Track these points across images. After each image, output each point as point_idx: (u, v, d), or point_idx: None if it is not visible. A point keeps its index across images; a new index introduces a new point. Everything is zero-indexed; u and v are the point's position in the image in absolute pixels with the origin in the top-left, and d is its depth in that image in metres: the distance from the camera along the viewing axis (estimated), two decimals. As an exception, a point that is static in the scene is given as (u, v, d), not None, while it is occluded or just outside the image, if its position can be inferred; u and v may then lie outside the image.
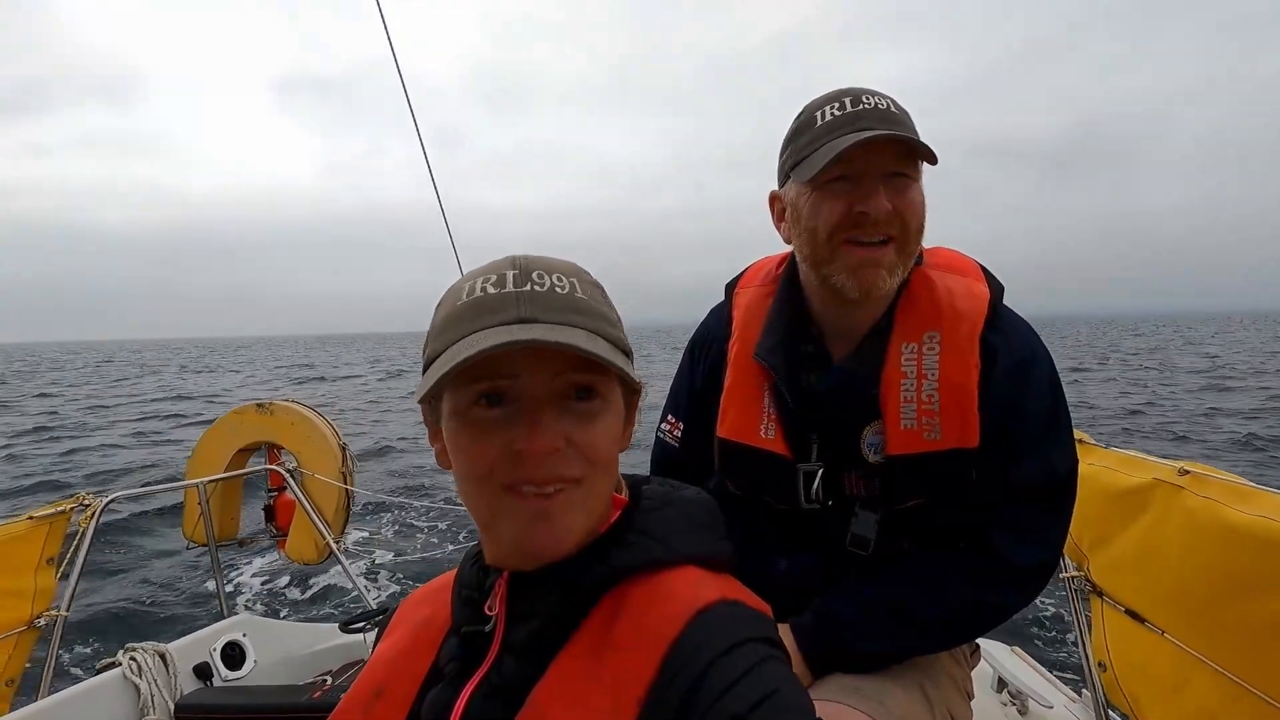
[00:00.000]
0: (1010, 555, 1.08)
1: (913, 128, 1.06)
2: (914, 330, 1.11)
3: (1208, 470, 1.42)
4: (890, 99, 1.07)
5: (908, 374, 1.09)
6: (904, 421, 1.08)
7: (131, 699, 1.79)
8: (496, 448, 0.61)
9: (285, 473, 3.40)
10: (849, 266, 1.07)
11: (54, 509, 2.21)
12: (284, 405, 3.65)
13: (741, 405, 1.21)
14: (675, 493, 0.75)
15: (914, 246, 1.09)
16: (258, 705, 1.77)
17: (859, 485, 1.14)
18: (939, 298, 1.12)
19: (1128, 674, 1.60)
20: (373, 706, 0.70)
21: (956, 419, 1.06)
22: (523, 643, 0.65)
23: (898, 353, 1.11)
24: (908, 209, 1.05)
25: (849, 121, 1.05)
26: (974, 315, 1.10)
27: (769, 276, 1.28)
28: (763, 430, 1.18)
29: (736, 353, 1.24)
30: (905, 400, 1.09)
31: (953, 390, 1.07)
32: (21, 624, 2.08)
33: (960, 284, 1.14)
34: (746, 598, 0.66)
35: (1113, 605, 1.64)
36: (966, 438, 1.06)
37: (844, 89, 1.10)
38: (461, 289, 0.65)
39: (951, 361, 1.08)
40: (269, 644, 2.17)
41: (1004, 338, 1.10)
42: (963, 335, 1.09)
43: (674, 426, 1.37)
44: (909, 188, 1.05)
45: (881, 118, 1.04)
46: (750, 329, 1.24)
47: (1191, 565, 1.39)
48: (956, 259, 1.20)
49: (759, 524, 1.22)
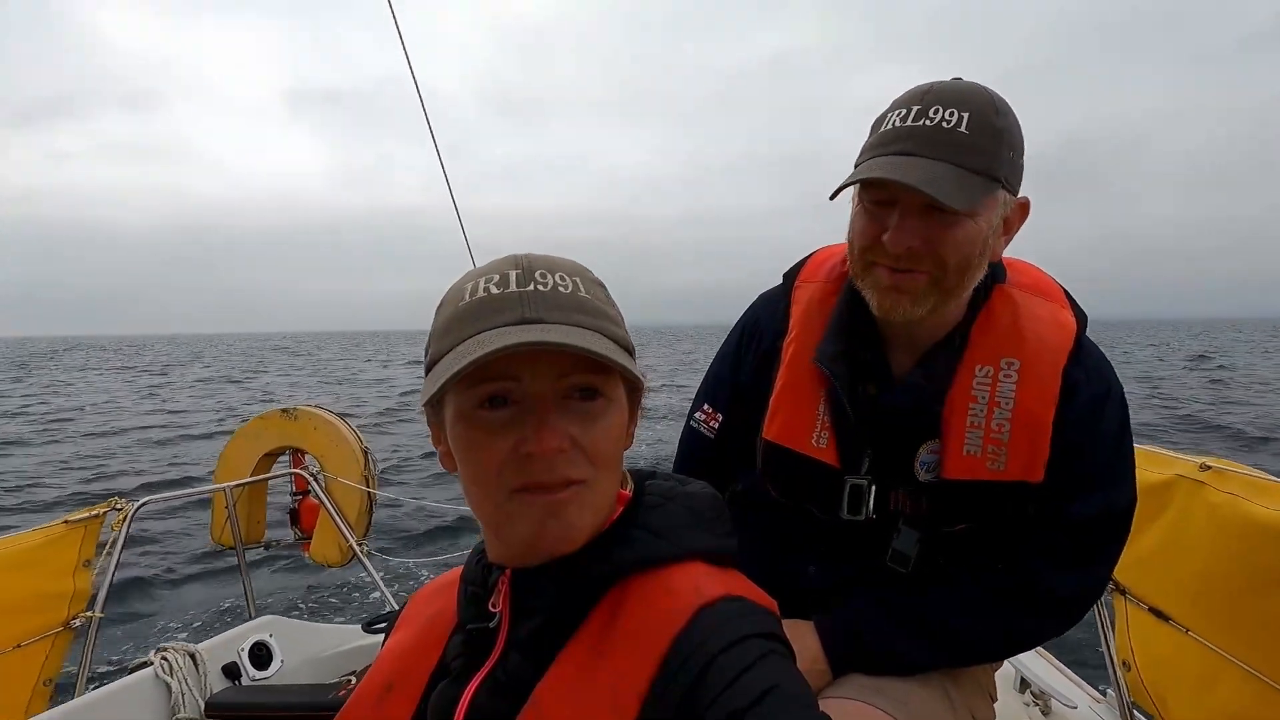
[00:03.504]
0: (1054, 585, 1.05)
1: (985, 149, 0.94)
2: (991, 354, 1.05)
3: (1229, 465, 1.40)
4: (970, 111, 0.94)
5: (978, 399, 1.04)
6: (967, 447, 1.03)
7: (164, 697, 1.84)
8: (504, 450, 0.61)
9: (309, 476, 3.45)
10: (874, 286, 1.02)
11: (88, 513, 2.28)
12: (308, 410, 3.71)
13: (794, 409, 1.15)
14: (679, 487, 0.73)
15: (955, 282, 0.99)
16: (285, 704, 1.80)
17: (905, 502, 1.10)
18: (1022, 324, 1.05)
19: (1153, 673, 1.58)
20: (383, 700, 0.71)
21: (1025, 452, 1.02)
22: (526, 639, 0.65)
23: (970, 375, 1.05)
24: (944, 246, 0.96)
25: (899, 138, 0.96)
26: (1059, 347, 1.04)
27: (833, 274, 1.20)
28: (815, 438, 1.12)
29: (793, 352, 1.17)
30: (972, 426, 1.03)
31: (1027, 423, 1.01)
32: (58, 625, 2.14)
33: (1046, 310, 1.07)
34: (750, 593, 0.66)
35: (1136, 603, 1.62)
36: (1032, 471, 1.02)
37: (925, 89, 0.98)
38: (464, 289, 0.64)
39: (1030, 393, 1.02)
40: (295, 644, 2.21)
41: (1085, 372, 1.04)
42: (1045, 367, 1.02)
43: (710, 417, 1.29)
44: (954, 224, 0.95)
45: (936, 139, 0.93)
46: (810, 330, 1.16)
47: (1215, 562, 1.37)
48: (1042, 281, 1.12)
49: (793, 529, 1.18)
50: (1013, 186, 0.99)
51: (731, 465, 1.26)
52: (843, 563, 1.15)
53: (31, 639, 2.08)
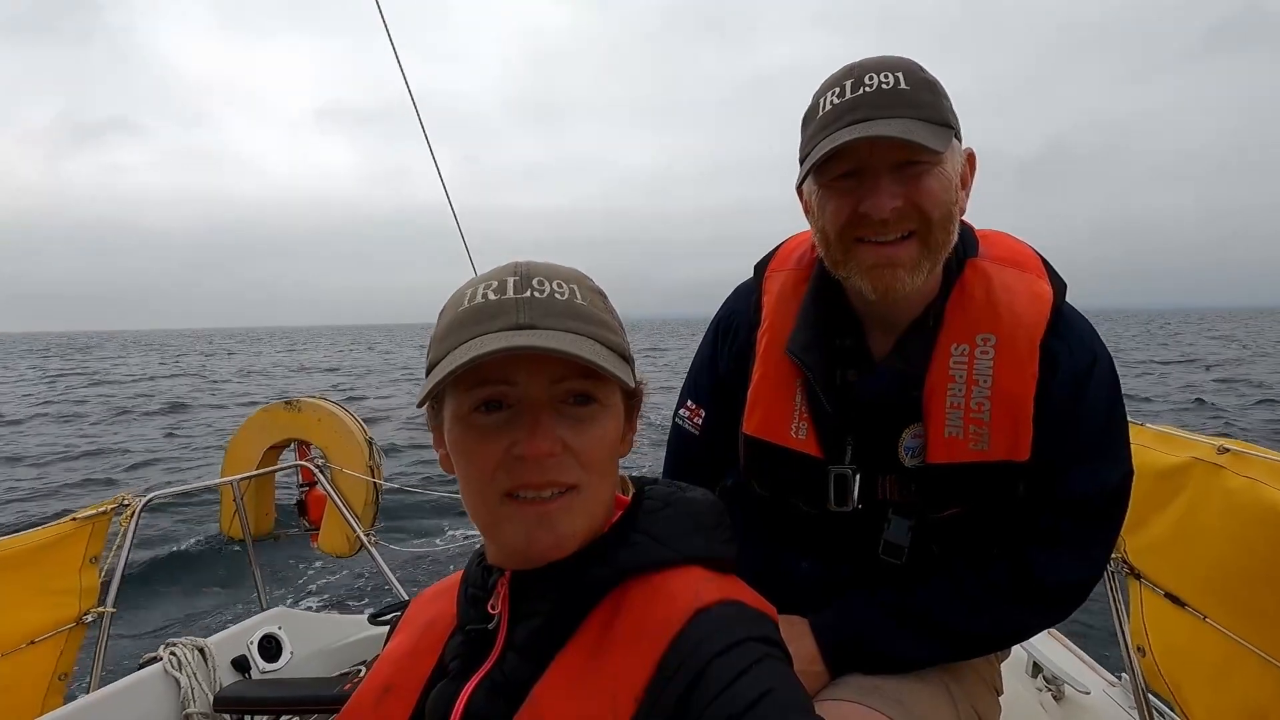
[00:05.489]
0: (1048, 573, 1.02)
1: (928, 101, 0.95)
2: (966, 330, 1.02)
3: (1248, 448, 1.36)
4: (902, 71, 0.96)
5: (956, 378, 1.01)
6: (949, 429, 1.01)
7: (173, 692, 1.84)
8: (497, 453, 0.62)
9: (315, 468, 3.46)
10: (864, 267, 0.98)
11: (96, 509, 2.28)
12: (311, 402, 3.72)
13: (771, 402, 1.13)
14: (679, 494, 0.74)
15: (941, 238, 0.98)
16: (294, 697, 1.80)
17: (893, 489, 1.08)
18: (996, 296, 1.02)
19: (1168, 659, 1.56)
20: (382, 702, 0.72)
21: (1008, 430, 0.99)
22: (525, 641, 0.66)
23: (946, 354, 1.02)
24: (925, 199, 0.95)
25: (847, 110, 0.95)
26: (1035, 319, 1.00)
27: (803, 260, 1.18)
28: (794, 430, 1.10)
29: (766, 344, 1.15)
30: (952, 406, 1.01)
31: (1006, 400, 0.99)
32: (70, 621, 2.16)
33: (1021, 281, 1.04)
34: (748, 598, 0.66)
35: (1151, 588, 1.59)
36: (1017, 450, 0.99)
37: (849, 66, 0.99)
38: (464, 295, 0.66)
39: (1007, 369, 0.99)
40: (304, 636, 2.21)
41: (1066, 344, 1.00)
42: (1021, 341, 0.99)
43: (694, 413, 1.28)
44: (926, 174, 0.95)
45: (885, 102, 0.93)
46: (782, 319, 1.14)
47: (1233, 547, 1.34)
48: (1016, 249, 1.09)
49: (783, 524, 1.17)
50: (959, 134, 0.99)
51: (720, 461, 1.24)
52: (835, 558, 1.12)
53: (45, 635, 2.09)
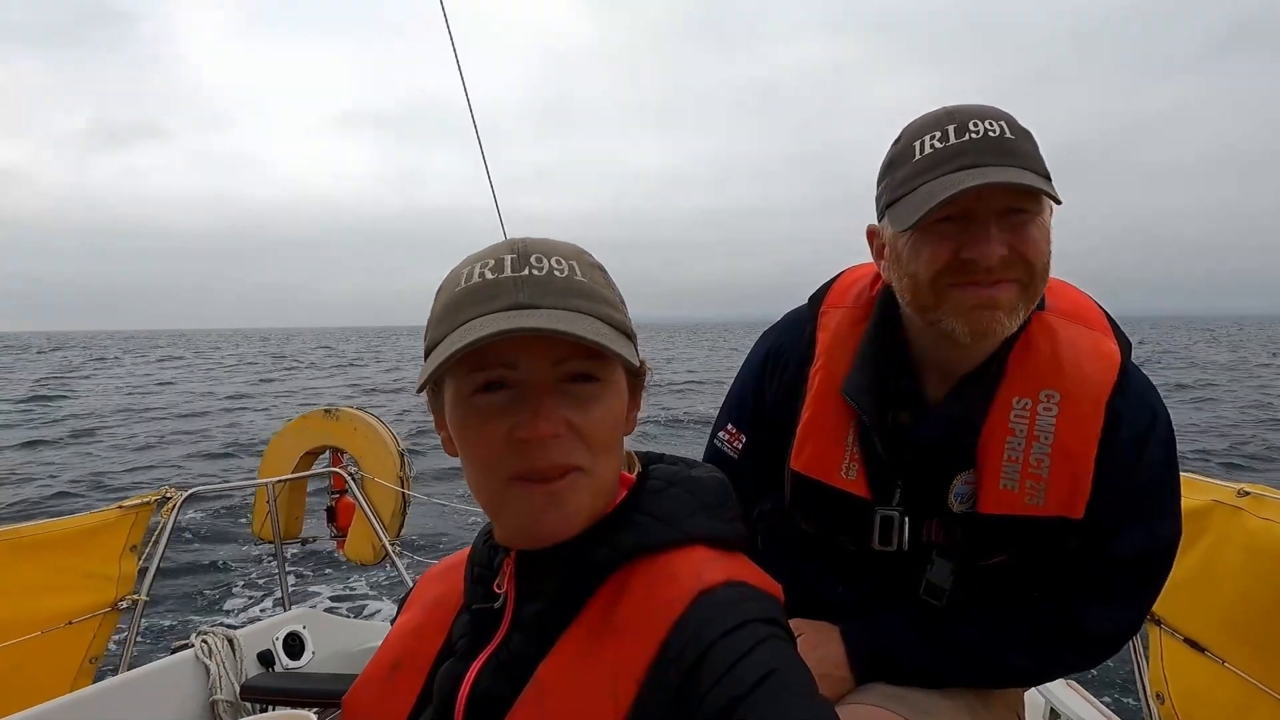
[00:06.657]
0: (1091, 621, 1.01)
1: (1031, 152, 0.93)
2: (1030, 385, 1.00)
3: (1267, 491, 1.35)
4: (1005, 120, 0.94)
5: (1016, 431, 1.00)
6: (1004, 481, 1.00)
7: (202, 678, 1.91)
8: (500, 435, 0.60)
9: (347, 476, 3.54)
10: (961, 309, 0.94)
11: (140, 500, 2.39)
12: (349, 412, 3.82)
13: (822, 441, 1.11)
14: (685, 471, 0.73)
15: (1040, 287, 0.96)
16: (316, 691, 1.86)
17: (938, 533, 1.07)
18: (1062, 353, 1.00)
19: (1187, 706, 1.53)
20: (391, 678, 0.73)
21: (1065, 487, 0.98)
22: (530, 621, 0.66)
23: (1007, 406, 1.00)
24: (1029, 248, 0.92)
25: (954, 155, 0.92)
26: (1102, 379, 0.98)
27: (861, 298, 1.15)
28: (844, 470, 1.09)
29: (820, 382, 1.13)
30: (1009, 459, 0.99)
31: (1068, 458, 0.97)
32: (105, 606, 2.26)
33: (1088, 339, 1.02)
34: (752, 576, 0.65)
35: (1171, 634, 1.57)
36: (1073, 508, 0.98)
37: (946, 111, 0.96)
38: (460, 274, 0.64)
39: (1071, 427, 0.98)
40: (326, 637, 2.27)
41: (1129, 402, 0.99)
42: (1087, 400, 0.98)
43: (734, 437, 1.25)
44: (1029, 223, 0.92)
45: (993, 149, 0.91)
46: (838, 359, 1.12)
47: (1253, 590, 1.32)
48: (1082, 305, 1.07)
49: (822, 555, 1.17)
50: None
51: (758, 485, 1.25)
52: (874, 591, 1.13)
53: (82, 617, 2.19)
